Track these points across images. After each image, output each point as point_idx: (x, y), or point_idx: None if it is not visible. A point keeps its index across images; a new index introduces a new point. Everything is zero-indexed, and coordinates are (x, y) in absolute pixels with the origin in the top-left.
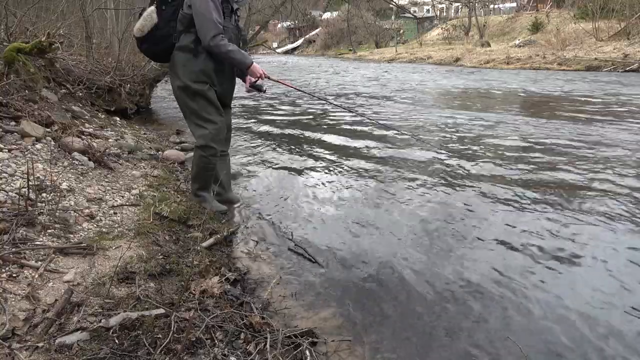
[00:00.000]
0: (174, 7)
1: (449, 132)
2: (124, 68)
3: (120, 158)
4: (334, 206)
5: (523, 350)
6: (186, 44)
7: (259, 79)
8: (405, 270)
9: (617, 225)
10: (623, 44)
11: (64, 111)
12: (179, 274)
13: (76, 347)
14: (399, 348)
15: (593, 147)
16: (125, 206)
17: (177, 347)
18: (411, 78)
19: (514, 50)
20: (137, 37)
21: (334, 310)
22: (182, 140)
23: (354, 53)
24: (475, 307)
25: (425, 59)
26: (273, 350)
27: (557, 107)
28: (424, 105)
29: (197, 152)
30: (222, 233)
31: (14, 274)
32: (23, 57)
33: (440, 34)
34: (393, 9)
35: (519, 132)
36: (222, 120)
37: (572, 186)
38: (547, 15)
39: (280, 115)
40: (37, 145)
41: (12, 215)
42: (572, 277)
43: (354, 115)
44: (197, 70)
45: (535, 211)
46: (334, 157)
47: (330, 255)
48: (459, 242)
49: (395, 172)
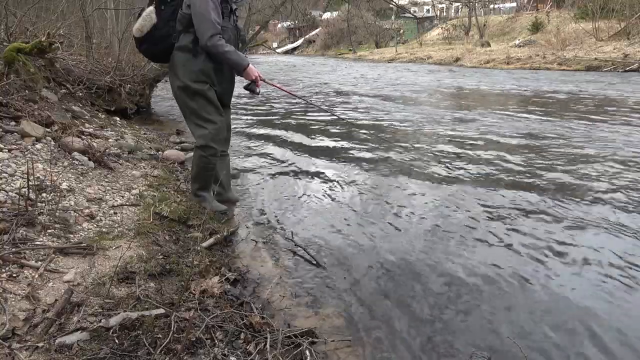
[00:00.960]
0: (173, 7)
1: (449, 132)
2: (124, 68)
3: (120, 158)
4: (334, 206)
5: (523, 350)
6: (185, 44)
7: (253, 81)
8: (406, 270)
9: (617, 226)
10: (623, 44)
11: (64, 111)
12: (179, 274)
13: (76, 347)
14: (399, 348)
15: (593, 148)
16: (125, 206)
17: (177, 347)
18: (411, 78)
19: (514, 50)
20: (137, 38)
21: (334, 310)
22: (182, 140)
23: (354, 53)
24: (475, 307)
25: (425, 59)
26: (273, 350)
27: (557, 107)
28: (424, 106)
29: (197, 152)
30: (222, 233)
31: (14, 274)
32: (23, 57)
33: (440, 34)
34: (393, 9)
35: (519, 132)
36: (222, 120)
37: (572, 187)
38: (547, 15)
39: (280, 116)
40: (37, 145)
41: (12, 215)
42: (572, 277)
43: (354, 115)
44: (196, 70)
45: (535, 212)
46: (334, 157)
47: (330, 255)
48: (459, 242)
49: (395, 172)
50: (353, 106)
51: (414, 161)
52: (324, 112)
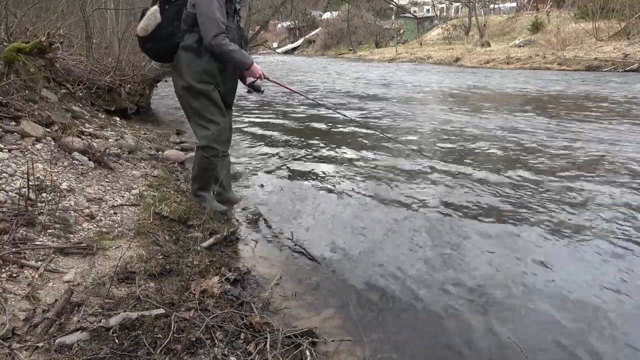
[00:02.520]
0: (177, 7)
1: (449, 132)
2: (124, 68)
3: (120, 158)
4: (334, 206)
5: (523, 350)
6: (190, 43)
7: (257, 80)
8: (406, 271)
9: (618, 227)
10: (623, 44)
11: (64, 111)
12: (179, 274)
13: (76, 347)
14: (399, 348)
15: (593, 148)
16: (125, 206)
17: (177, 347)
18: (412, 78)
19: (514, 50)
20: (140, 37)
21: (334, 310)
22: (182, 140)
23: (354, 53)
24: (475, 307)
25: (425, 58)
26: (273, 350)
27: (557, 107)
28: (424, 106)
29: (199, 153)
30: (222, 233)
31: (14, 274)
32: (23, 57)
33: (441, 34)
34: (393, 9)
35: (519, 132)
36: (224, 121)
37: (572, 189)
38: (547, 15)
39: (280, 116)
40: (37, 145)
41: (12, 215)
42: (572, 278)
43: (353, 118)
44: (200, 70)
45: (534, 212)
46: (334, 157)
47: (330, 255)
48: (459, 243)
49: (395, 173)
50: (353, 106)
51: (415, 161)
52: (325, 111)
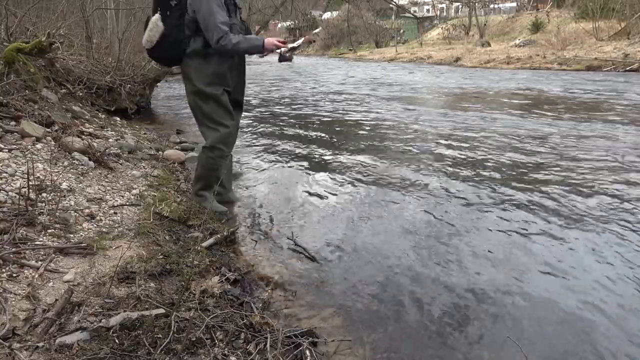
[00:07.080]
0: (179, 12)
1: (451, 132)
2: (124, 68)
3: (120, 158)
4: (334, 206)
5: (523, 350)
6: (196, 48)
7: (279, 51)
8: (406, 271)
9: (618, 227)
10: (623, 44)
11: (64, 111)
12: (179, 273)
13: (76, 347)
14: (399, 348)
15: (594, 148)
16: (126, 206)
17: (177, 347)
18: (411, 78)
19: (514, 50)
20: (148, 49)
21: (334, 310)
22: (182, 140)
23: (354, 53)
24: (475, 307)
25: (426, 58)
26: (273, 350)
27: (556, 107)
28: (424, 106)
29: (204, 153)
30: (222, 233)
31: (14, 274)
32: (23, 57)
33: (441, 34)
34: (393, 8)
35: (519, 132)
36: (233, 124)
37: (572, 191)
38: (547, 15)
39: (280, 115)
40: (37, 145)
41: (12, 215)
42: (572, 278)
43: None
44: (209, 74)
45: (534, 212)
46: (335, 157)
47: (330, 255)
48: (460, 243)
49: (395, 172)
50: (353, 105)
51: (416, 162)
52: (326, 111)
